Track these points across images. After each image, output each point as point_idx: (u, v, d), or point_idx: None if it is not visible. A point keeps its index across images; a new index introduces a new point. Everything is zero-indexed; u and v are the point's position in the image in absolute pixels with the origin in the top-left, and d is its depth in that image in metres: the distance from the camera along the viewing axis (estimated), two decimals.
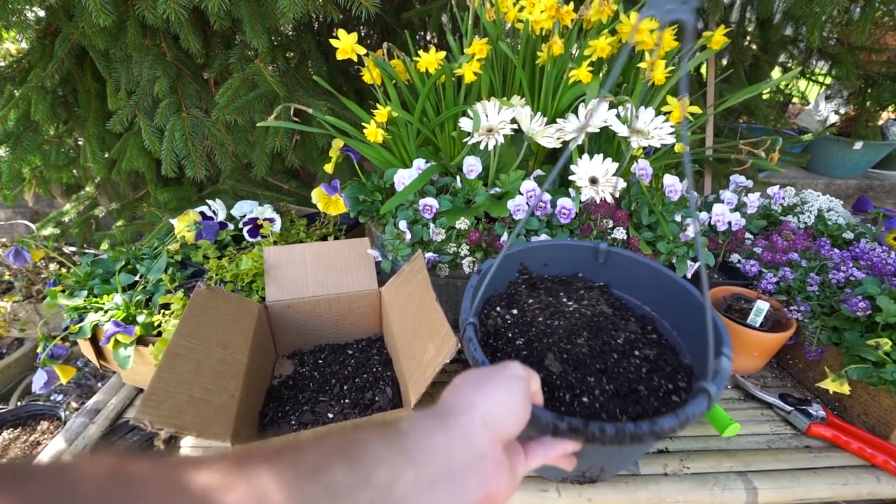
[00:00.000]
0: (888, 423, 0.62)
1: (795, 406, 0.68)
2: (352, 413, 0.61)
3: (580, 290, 0.65)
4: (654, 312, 0.63)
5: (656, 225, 0.79)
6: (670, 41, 0.77)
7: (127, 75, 0.96)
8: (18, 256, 0.72)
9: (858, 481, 0.58)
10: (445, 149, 0.90)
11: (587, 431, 0.39)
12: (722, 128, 1.51)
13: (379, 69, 0.81)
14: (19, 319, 1.37)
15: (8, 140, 1.04)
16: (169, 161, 0.93)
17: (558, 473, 0.54)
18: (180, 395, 0.49)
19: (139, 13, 0.81)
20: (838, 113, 1.79)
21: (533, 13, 0.77)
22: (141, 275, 0.75)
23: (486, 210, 0.76)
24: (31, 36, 1.00)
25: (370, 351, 0.75)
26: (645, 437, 0.39)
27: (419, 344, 0.57)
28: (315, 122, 0.93)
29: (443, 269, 0.74)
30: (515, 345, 0.56)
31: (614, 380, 0.51)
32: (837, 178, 1.79)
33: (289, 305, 0.72)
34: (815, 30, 1.05)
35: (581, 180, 0.74)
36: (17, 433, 1.01)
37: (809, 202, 0.96)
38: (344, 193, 0.82)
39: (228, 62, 0.95)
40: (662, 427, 0.39)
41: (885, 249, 0.77)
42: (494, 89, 0.87)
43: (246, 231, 0.86)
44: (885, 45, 1.56)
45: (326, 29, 1.24)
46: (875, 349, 0.62)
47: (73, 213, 1.29)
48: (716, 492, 0.56)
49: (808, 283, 0.73)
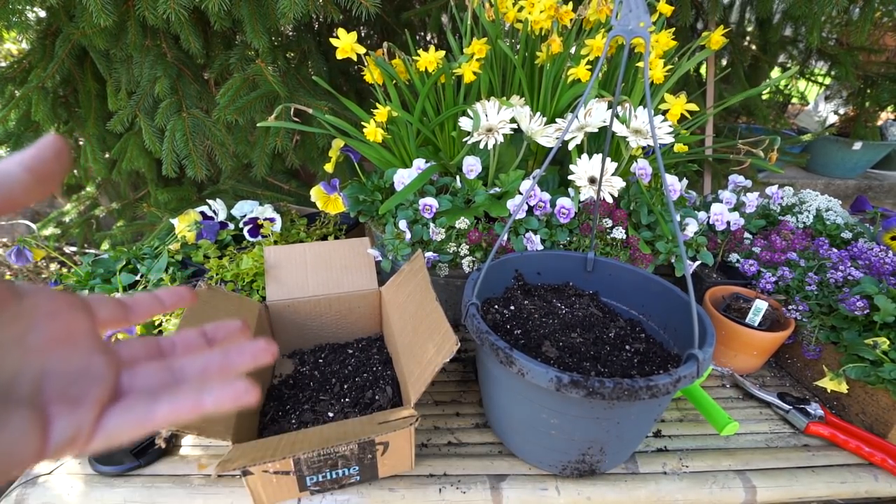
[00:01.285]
0: (886, 421, 0.62)
1: (794, 405, 0.68)
2: (352, 412, 0.62)
3: (571, 296, 0.69)
4: (641, 315, 0.67)
5: (655, 224, 0.79)
6: (668, 41, 0.77)
7: (127, 75, 0.96)
8: (20, 256, 0.73)
9: (856, 480, 0.59)
10: (445, 148, 0.90)
11: (588, 384, 0.43)
12: (721, 128, 1.51)
13: (379, 69, 0.82)
14: None
15: (8, 140, 1.04)
16: (169, 161, 0.93)
17: (556, 460, 0.54)
18: None
19: (139, 13, 0.82)
20: (837, 113, 1.80)
21: (532, 13, 0.78)
22: (142, 274, 0.75)
23: (485, 210, 0.76)
24: (31, 36, 1.01)
25: (370, 350, 0.75)
26: (641, 392, 0.43)
27: (419, 343, 0.57)
28: (315, 122, 0.93)
29: (443, 268, 0.75)
30: (514, 334, 0.59)
31: (608, 366, 0.55)
32: (837, 178, 1.80)
33: (289, 305, 0.72)
34: (814, 30, 1.05)
35: (580, 180, 0.74)
36: None
37: (808, 202, 0.96)
38: (344, 193, 0.82)
39: (229, 62, 0.95)
40: (657, 383, 0.43)
41: (882, 249, 0.77)
42: (494, 89, 0.88)
43: (246, 231, 0.86)
44: (885, 46, 1.56)
45: (327, 29, 1.25)
46: (873, 348, 0.62)
47: (73, 213, 1.29)
48: (714, 490, 0.57)
49: (806, 282, 0.74)
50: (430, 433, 0.64)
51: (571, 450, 0.53)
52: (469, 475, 0.57)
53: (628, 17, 0.44)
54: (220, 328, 0.27)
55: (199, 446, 0.62)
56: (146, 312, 0.25)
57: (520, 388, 0.50)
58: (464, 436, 0.63)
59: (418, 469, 0.57)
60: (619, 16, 0.45)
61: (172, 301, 0.26)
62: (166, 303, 0.26)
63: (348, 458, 0.51)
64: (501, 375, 0.53)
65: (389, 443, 0.52)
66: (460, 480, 0.56)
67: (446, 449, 0.61)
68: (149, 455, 0.58)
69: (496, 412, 0.59)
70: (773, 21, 1.34)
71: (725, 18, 1.46)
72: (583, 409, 0.47)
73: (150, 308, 0.25)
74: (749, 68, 1.45)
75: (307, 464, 0.50)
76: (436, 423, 0.65)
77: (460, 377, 0.75)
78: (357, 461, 0.52)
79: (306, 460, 0.49)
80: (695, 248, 0.79)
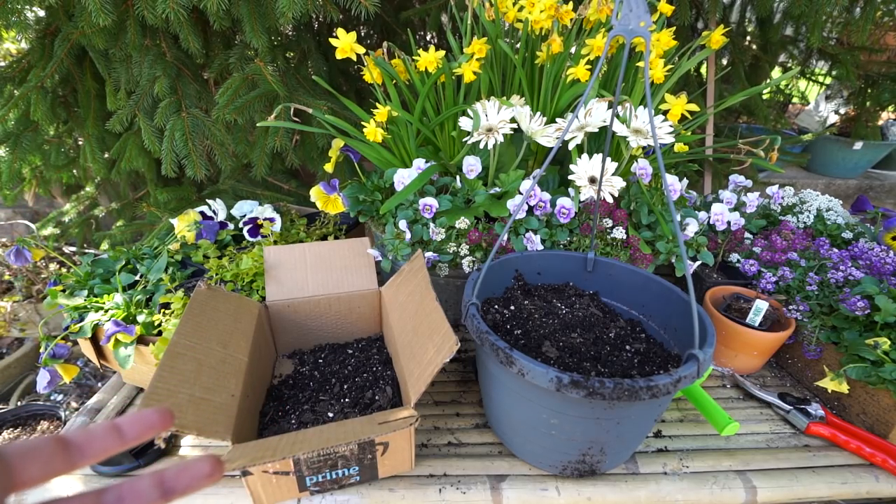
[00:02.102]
0: (887, 421, 0.62)
1: (794, 405, 0.68)
2: (352, 412, 0.61)
3: (571, 296, 0.68)
4: (642, 316, 0.67)
5: (656, 224, 0.79)
6: (669, 40, 0.77)
7: (127, 75, 0.96)
8: (19, 256, 0.72)
9: (857, 480, 0.59)
10: (445, 148, 0.90)
11: (588, 384, 0.42)
12: (722, 128, 1.51)
13: (379, 68, 0.81)
14: (19, 319, 1.37)
15: (8, 140, 1.04)
16: (169, 161, 0.93)
17: (556, 460, 0.54)
18: (181, 394, 0.49)
19: (139, 13, 0.82)
20: (838, 113, 1.79)
21: (532, 13, 0.78)
22: (141, 274, 0.75)
23: (485, 210, 0.76)
24: (30, 36, 1.00)
25: (370, 350, 0.75)
26: (641, 392, 0.43)
27: (419, 343, 0.57)
28: (315, 122, 0.93)
29: (443, 268, 0.74)
30: (514, 335, 0.59)
31: (609, 366, 0.55)
32: (837, 178, 1.79)
33: (289, 305, 0.72)
34: (815, 30, 1.05)
35: (580, 180, 0.74)
36: (18, 433, 1.01)
37: (808, 202, 0.96)
38: (344, 193, 0.82)
39: (228, 62, 0.95)
40: (658, 384, 0.43)
41: (883, 249, 0.77)
42: (494, 89, 0.87)
43: (246, 231, 0.86)
44: (885, 45, 1.56)
45: (326, 29, 1.24)
46: (874, 348, 0.62)
47: (73, 213, 1.29)
48: (715, 491, 0.56)
49: (807, 282, 0.73)
50: (430, 433, 0.63)
51: (571, 450, 0.52)
52: (469, 475, 0.57)
53: (629, 16, 0.44)
54: (184, 472, 0.22)
55: (199, 446, 0.62)
56: (99, 452, 0.21)
57: (520, 389, 0.50)
58: (464, 436, 0.63)
59: (418, 469, 0.57)
60: (620, 15, 0.45)
61: (136, 431, 0.22)
62: (127, 435, 0.22)
63: (348, 459, 0.51)
64: (501, 375, 0.52)
65: (389, 443, 0.52)
66: (460, 481, 0.56)
67: (446, 449, 0.61)
68: (148, 455, 0.58)
69: (496, 412, 0.59)
70: (773, 20, 1.34)
71: (726, 18, 1.46)
72: (583, 409, 0.47)
73: (104, 445, 0.21)
74: (749, 68, 1.44)
75: (307, 464, 0.50)
76: (436, 423, 0.65)
77: (460, 377, 0.75)
78: (357, 461, 0.52)
79: (306, 460, 0.49)
80: (695, 248, 0.79)
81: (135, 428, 0.22)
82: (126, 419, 0.22)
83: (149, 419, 0.23)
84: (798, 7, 1.01)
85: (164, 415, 0.23)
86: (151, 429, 0.23)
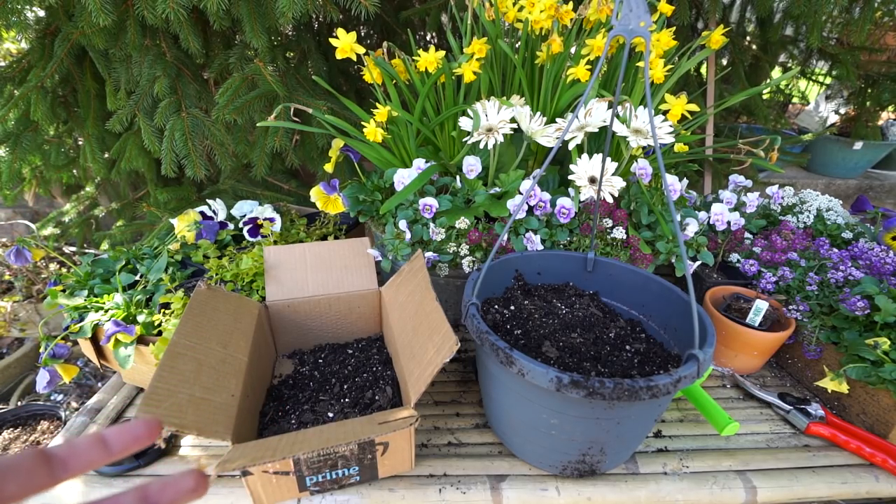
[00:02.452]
0: (887, 421, 0.62)
1: (794, 405, 0.68)
2: (352, 412, 0.61)
3: (571, 296, 0.68)
4: (642, 316, 0.67)
5: (656, 224, 0.79)
6: (669, 40, 0.77)
7: (126, 75, 0.96)
8: (20, 256, 0.72)
9: (857, 480, 0.59)
10: (445, 148, 0.90)
11: (588, 384, 0.42)
12: (722, 128, 1.51)
13: (379, 68, 0.81)
14: (19, 319, 1.37)
15: (8, 140, 1.04)
16: (169, 161, 0.93)
17: (556, 460, 0.54)
18: (181, 394, 0.49)
19: (139, 13, 0.82)
20: (838, 113, 1.79)
21: (532, 13, 0.78)
22: (141, 274, 0.75)
23: (485, 210, 0.76)
24: (30, 36, 1.00)
25: (370, 350, 0.75)
26: (641, 392, 0.43)
27: (419, 343, 0.57)
28: (315, 122, 0.93)
29: (443, 268, 0.74)
30: (514, 335, 0.59)
31: (609, 366, 0.55)
32: (837, 178, 1.79)
33: (289, 305, 0.72)
34: (814, 30, 1.05)
35: (580, 180, 0.74)
36: (17, 433, 1.01)
37: (808, 202, 0.96)
38: (344, 193, 0.82)
39: (228, 62, 0.95)
40: (658, 384, 0.43)
41: (883, 249, 0.77)
42: (494, 89, 0.87)
43: (246, 231, 0.86)
44: (885, 45, 1.56)
45: (326, 29, 1.24)
46: (874, 348, 0.62)
47: (73, 213, 1.29)
48: (715, 491, 0.56)
49: (807, 282, 0.73)
50: (430, 433, 0.63)
51: (572, 450, 0.53)
52: (469, 475, 0.57)
53: (629, 16, 0.44)
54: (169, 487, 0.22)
55: (199, 446, 0.62)
56: (83, 465, 0.21)
57: (520, 389, 0.50)
58: (464, 436, 0.63)
59: (418, 469, 0.57)
60: (620, 15, 0.45)
61: (122, 443, 0.22)
62: (113, 448, 0.22)
63: (348, 459, 0.51)
64: (501, 375, 0.52)
65: (389, 443, 0.52)
66: (460, 481, 0.56)
67: (446, 449, 0.61)
68: (148, 455, 0.58)
69: (496, 412, 0.59)
70: (773, 20, 1.33)
71: (726, 18, 1.46)
72: (583, 409, 0.47)
73: (89, 458, 0.21)
74: (749, 68, 1.44)
75: (307, 464, 0.50)
76: (436, 423, 0.65)
77: (460, 377, 0.75)
78: (357, 461, 0.52)
79: (306, 460, 0.49)
80: (695, 247, 0.79)
81: (121, 440, 0.22)
82: (112, 431, 0.22)
83: (135, 431, 0.22)
84: (798, 7, 1.01)
85: (152, 426, 0.23)
86: (138, 441, 0.22)
